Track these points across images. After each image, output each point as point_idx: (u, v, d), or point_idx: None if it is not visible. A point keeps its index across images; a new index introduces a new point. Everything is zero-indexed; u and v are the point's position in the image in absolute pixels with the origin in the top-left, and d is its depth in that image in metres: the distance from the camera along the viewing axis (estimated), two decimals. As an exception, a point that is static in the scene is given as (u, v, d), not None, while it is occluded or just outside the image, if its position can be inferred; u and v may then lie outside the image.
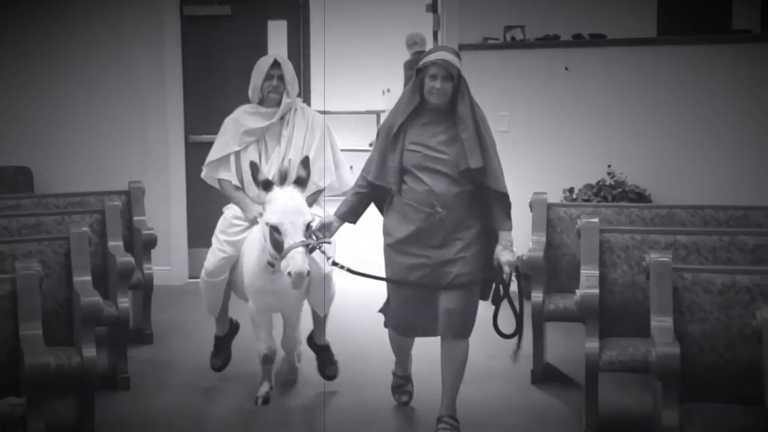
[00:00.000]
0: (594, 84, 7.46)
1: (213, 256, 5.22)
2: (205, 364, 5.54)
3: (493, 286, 4.62)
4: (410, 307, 4.65)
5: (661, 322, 4.01)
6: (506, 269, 4.45)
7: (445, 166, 4.49)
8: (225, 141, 5.32)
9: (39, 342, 3.97)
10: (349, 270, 4.67)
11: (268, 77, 5.24)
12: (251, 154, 5.22)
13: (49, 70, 7.61)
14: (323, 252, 4.70)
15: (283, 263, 4.53)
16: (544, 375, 5.45)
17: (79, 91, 7.62)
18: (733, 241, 4.88)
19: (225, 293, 5.35)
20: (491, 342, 4.98)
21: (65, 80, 7.62)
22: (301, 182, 4.76)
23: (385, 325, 4.83)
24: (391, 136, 4.57)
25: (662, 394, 3.85)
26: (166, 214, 7.53)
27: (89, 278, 4.71)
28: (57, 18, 7.58)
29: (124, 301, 5.40)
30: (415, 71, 4.56)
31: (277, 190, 4.71)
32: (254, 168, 4.80)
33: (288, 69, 5.28)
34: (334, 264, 4.70)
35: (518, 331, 4.63)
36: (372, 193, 4.70)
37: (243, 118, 5.30)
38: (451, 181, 4.50)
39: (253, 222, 5.10)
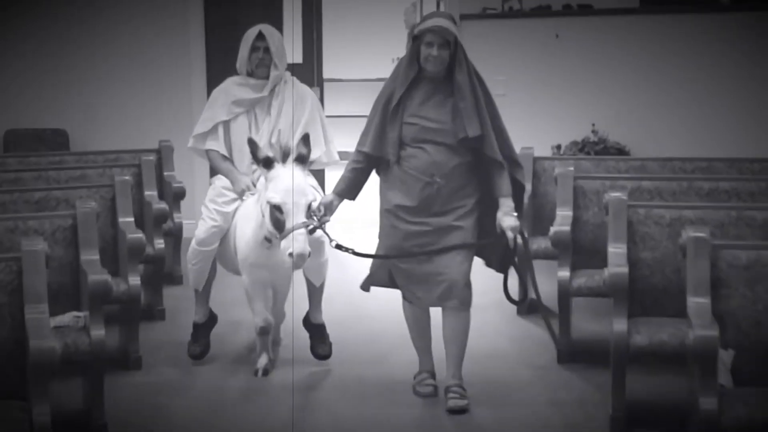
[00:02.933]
0: (582, 50, 7.87)
1: (204, 225, 5.04)
2: (225, 301, 5.65)
3: (499, 252, 4.52)
4: (415, 277, 4.47)
5: (616, 249, 4.48)
6: (509, 234, 4.36)
7: (444, 136, 4.35)
8: (213, 112, 5.13)
9: (98, 265, 4.37)
10: (353, 252, 4.49)
11: (254, 49, 5.06)
12: (241, 125, 5.09)
13: (85, 41, 7.98)
14: (326, 233, 4.54)
15: (284, 243, 4.36)
16: (528, 308, 5.90)
17: (112, 61, 8.00)
18: (691, 186, 5.28)
19: (212, 267, 5.15)
20: (483, 279, 5.48)
21: (99, 51, 8.00)
22: (301, 160, 4.54)
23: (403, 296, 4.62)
24: (391, 109, 4.38)
25: (614, 308, 4.30)
26: (191, 174, 7.75)
27: (132, 219, 5.18)
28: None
29: (160, 243, 5.86)
30: (412, 39, 4.42)
31: (278, 168, 4.48)
32: (253, 145, 4.55)
33: (274, 40, 5.06)
34: (338, 247, 4.47)
35: (524, 297, 4.66)
36: (369, 166, 4.53)
37: (232, 89, 5.14)
38: (450, 151, 4.36)
39: (241, 195, 4.95)
